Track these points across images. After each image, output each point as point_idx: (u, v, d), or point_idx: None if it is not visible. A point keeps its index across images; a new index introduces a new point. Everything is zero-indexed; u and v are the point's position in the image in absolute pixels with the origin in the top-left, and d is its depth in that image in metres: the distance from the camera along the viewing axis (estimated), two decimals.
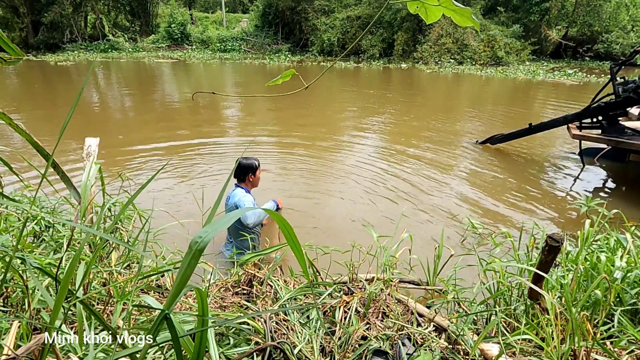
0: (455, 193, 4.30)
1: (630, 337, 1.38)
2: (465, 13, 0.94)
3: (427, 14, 1.00)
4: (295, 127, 7.27)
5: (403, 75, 15.57)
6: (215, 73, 15.93)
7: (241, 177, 2.90)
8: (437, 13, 0.99)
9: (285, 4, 21.89)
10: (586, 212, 3.43)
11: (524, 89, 12.44)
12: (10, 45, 0.83)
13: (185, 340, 0.84)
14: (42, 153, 0.98)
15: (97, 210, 2.24)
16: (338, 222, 3.66)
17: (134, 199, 0.98)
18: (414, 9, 1.01)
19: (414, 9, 1.01)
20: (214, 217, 0.77)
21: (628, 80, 4.71)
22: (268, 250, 2.00)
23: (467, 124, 7.70)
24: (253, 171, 2.90)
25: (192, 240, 0.62)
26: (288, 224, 0.71)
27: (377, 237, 2.02)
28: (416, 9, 1.00)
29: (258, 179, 3.00)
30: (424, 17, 1.01)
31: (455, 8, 0.94)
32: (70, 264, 0.78)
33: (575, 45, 19.99)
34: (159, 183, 4.38)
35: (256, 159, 2.96)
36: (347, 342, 1.43)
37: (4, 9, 21.18)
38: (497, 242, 2.37)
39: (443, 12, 0.97)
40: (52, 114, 8.10)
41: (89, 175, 1.48)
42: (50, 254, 1.67)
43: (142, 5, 24.15)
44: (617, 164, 5.22)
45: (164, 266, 1.71)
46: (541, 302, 1.55)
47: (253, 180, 2.94)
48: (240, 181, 2.91)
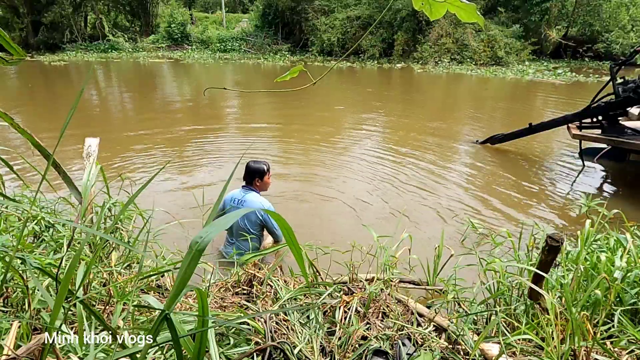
0: (455, 193, 4.30)
1: (630, 337, 1.38)
2: (470, 9, 0.94)
3: (431, 11, 1.00)
4: (295, 127, 7.27)
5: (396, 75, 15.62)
6: (211, 73, 15.92)
7: (249, 180, 2.87)
8: (442, 10, 0.99)
9: (285, 4, 21.86)
10: (586, 212, 3.43)
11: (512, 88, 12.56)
12: (12, 45, 0.83)
13: (186, 340, 0.84)
14: (43, 153, 0.98)
15: (97, 210, 2.24)
16: (338, 222, 3.66)
17: (134, 198, 0.98)
18: (419, 5, 1.01)
19: (419, 6, 1.01)
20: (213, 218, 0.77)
21: (628, 80, 4.72)
22: (268, 251, 2.00)
23: (457, 123, 7.72)
24: (261, 175, 2.86)
25: (193, 240, 0.62)
26: (287, 225, 0.70)
27: (376, 237, 2.01)
28: (421, 6, 1.00)
29: (267, 184, 2.95)
30: (428, 13, 1.01)
31: (460, 4, 0.94)
32: (71, 264, 0.78)
33: (575, 45, 19.96)
34: (159, 183, 4.38)
35: (266, 162, 2.91)
36: (347, 342, 1.43)
37: (4, 9, 21.15)
38: (497, 242, 2.37)
39: (448, 8, 0.97)
40: (42, 113, 8.08)
41: (89, 175, 1.48)
42: (50, 254, 1.67)
43: (142, 5, 24.12)
44: (617, 164, 5.22)
45: (164, 266, 1.71)
46: (541, 302, 1.55)
47: (260, 185, 2.90)
48: (248, 184, 2.88)
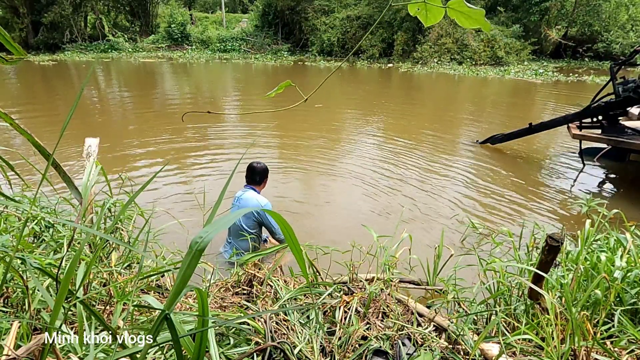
0: (455, 193, 4.30)
1: (631, 337, 1.38)
2: (477, 15, 0.88)
3: (427, 17, 0.95)
4: (294, 127, 7.27)
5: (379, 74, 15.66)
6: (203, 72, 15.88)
7: (257, 179, 2.90)
8: (438, 16, 0.94)
9: (285, 4, 21.86)
10: (586, 211, 3.43)
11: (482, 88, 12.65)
12: (13, 44, 0.83)
13: (186, 340, 0.84)
14: (43, 153, 0.98)
15: (97, 210, 2.24)
16: (338, 222, 3.66)
17: (134, 198, 0.98)
18: (414, 11, 0.96)
19: (414, 11, 0.96)
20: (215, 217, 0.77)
21: (628, 80, 4.71)
22: (268, 251, 2.00)
23: (455, 123, 7.71)
24: (260, 175, 2.91)
25: (193, 240, 0.61)
26: (288, 225, 0.70)
27: (376, 237, 2.01)
28: (416, 11, 0.95)
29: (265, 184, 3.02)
30: (423, 20, 0.96)
31: (463, 9, 0.88)
32: (71, 264, 0.78)
33: (575, 45, 19.97)
34: (159, 183, 4.38)
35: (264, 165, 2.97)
36: (347, 342, 1.43)
37: (4, 9, 21.13)
38: (497, 241, 2.37)
39: (448, 13, 0.91)
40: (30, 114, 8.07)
41: (90, 175, 1.48)
42: (50, 254, 1.67)
43: (142, 5, 24.12)
44: (618, 164, 5.22)
45: (164, 266, 1.71)
46: (541, 301, 1.55)
47: (261, 184, 2.96)
48: (256, 184, 2.90)
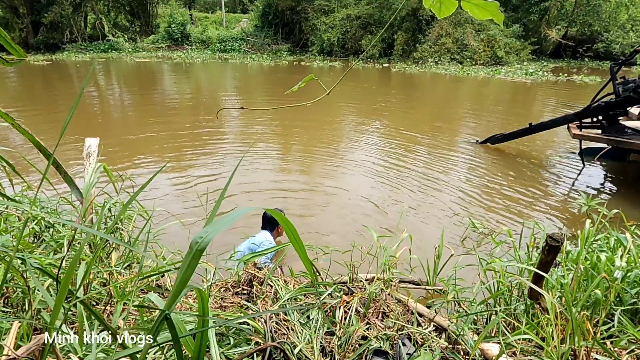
0: (455, 192, 4.30)
1: (630, 337, 1.38)
2: (491, 7, 0.91)
3: (440, 9, 0.97)
4: (294, 127, 7.26)
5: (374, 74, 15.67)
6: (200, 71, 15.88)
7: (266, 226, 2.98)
8: (451, 8, 0.96)
9: (285, 4, 21.85)
10: (586, 211, 3.43)
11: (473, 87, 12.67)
12: (13, 46, 0.83)
13: (186, 340, 0.84)
14: (44, 152, 0.98)
15: (98, 210, 2.24)
16: (338, 222, 3.65)
17: (134, 198, 0.98)
18: (429, 4, 0.98)
19: (429, 4, 0.98)
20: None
21: (628, 80, 4.71)
22: (267, 251, 2.00)
23: (453, 124, 7.71)
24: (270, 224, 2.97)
25: (193, 240, 0.61)
26: (292, 226, 0.70)
27: (377, 237, 2.02)
28: (431, 4, 0.98)
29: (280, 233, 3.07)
30: (436, 12, 0.98)
31: (478, 1, 0.90)
32: (71, 265, 0.78)
33: (575, 45, 19.98)
34: (160, 183, 4.38)
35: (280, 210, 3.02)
36: (347, 342, 1.43)
37: (4, 9, 21.12)
38: (497, 241, 2.37)
39: (462, 5, 0.93)
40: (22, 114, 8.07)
41: (91, 175, 1.48)
42: (50, 254, 1.67)
43: (142, 5, 24.11)
44: (618, 164, 5.22)
45: (165, 266, 1.71)
46: (541, 301, 1.55)
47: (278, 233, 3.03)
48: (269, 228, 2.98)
